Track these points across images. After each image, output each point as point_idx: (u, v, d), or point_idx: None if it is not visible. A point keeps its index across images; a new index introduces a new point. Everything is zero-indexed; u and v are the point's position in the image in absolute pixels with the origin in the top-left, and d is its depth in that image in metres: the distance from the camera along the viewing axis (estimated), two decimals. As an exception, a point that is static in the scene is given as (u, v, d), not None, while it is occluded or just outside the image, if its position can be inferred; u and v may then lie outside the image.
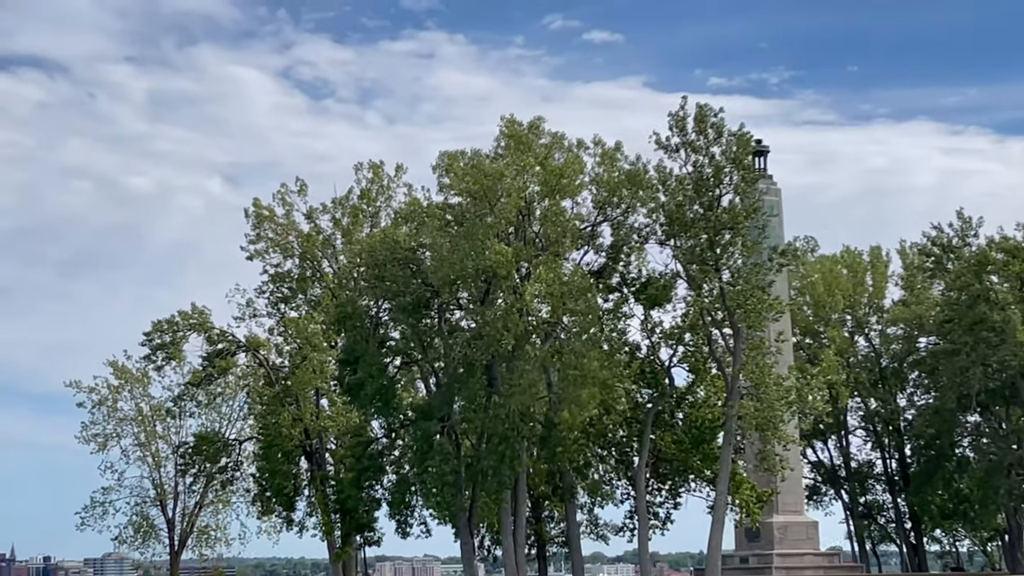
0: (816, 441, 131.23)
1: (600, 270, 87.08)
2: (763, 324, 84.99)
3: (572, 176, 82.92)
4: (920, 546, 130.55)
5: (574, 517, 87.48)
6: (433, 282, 79.98)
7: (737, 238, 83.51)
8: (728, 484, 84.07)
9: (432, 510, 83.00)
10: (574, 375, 77.70)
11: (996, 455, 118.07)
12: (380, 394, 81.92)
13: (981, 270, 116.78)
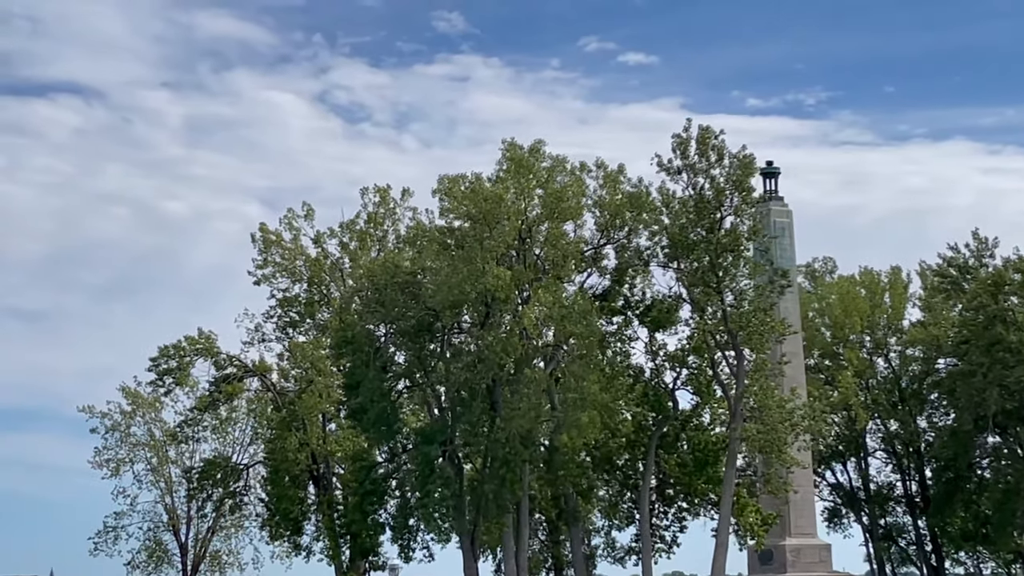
0: (835, 463, 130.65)
1: (604, 293, 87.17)
2: (766, 346, 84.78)
3: (573, 199, 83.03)
4: (940, 569, 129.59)
5: (578, 541, 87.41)
6: (433, 306, 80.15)
7: (739, 260, 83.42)
8: (731, 507, 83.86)
9: (433, 534, 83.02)
10: (573, 398, 77.73)
11: (1013, 477, 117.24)
12: (382, 418, 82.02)
13: (997, 291, 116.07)
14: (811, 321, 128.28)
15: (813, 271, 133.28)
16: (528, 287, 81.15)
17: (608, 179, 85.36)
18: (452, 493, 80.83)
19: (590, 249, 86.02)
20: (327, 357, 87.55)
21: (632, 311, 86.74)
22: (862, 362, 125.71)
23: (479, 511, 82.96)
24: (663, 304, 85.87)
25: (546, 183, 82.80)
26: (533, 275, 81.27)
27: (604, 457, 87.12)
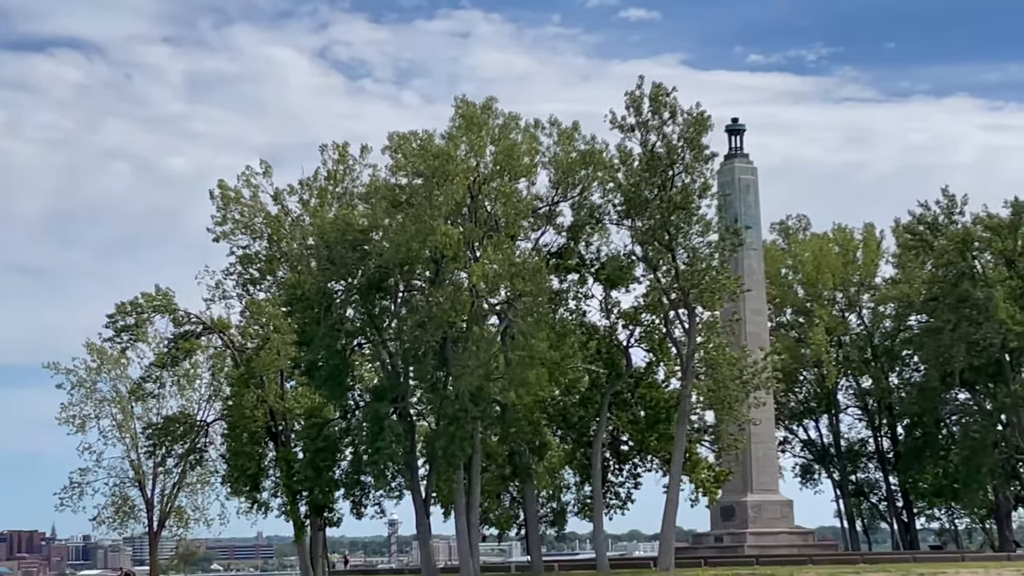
0: (807, 420, 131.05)
1: (560, 250, 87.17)
2: (719, 303, 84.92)
3: (525, 156, 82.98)
4: (912, 524, 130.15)
5: (532, 498, 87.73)
6: (382, 263, 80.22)
7: (691, 218, 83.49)
8: (682, 463, 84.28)
9: (382, 490, 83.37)
10: (522, 356, 77.81)
11: (979, 433, 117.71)
12: (334, 375, 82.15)
13: (965, 248, 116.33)
14: (783, 278, 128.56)
15: (787, 228, 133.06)
16: (480, 245, 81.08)
17: (563, 136, 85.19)
18: (403, 450, 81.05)
19: (544, 206, 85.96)
20: (284, 314, 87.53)
21: (587, 269, 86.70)
22: (834, 319, 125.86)
23: (431, 468, 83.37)
24: (617, 262, 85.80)
25: (499, 140, 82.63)
26: (484, 232, 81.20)
27: (558, 414, 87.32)
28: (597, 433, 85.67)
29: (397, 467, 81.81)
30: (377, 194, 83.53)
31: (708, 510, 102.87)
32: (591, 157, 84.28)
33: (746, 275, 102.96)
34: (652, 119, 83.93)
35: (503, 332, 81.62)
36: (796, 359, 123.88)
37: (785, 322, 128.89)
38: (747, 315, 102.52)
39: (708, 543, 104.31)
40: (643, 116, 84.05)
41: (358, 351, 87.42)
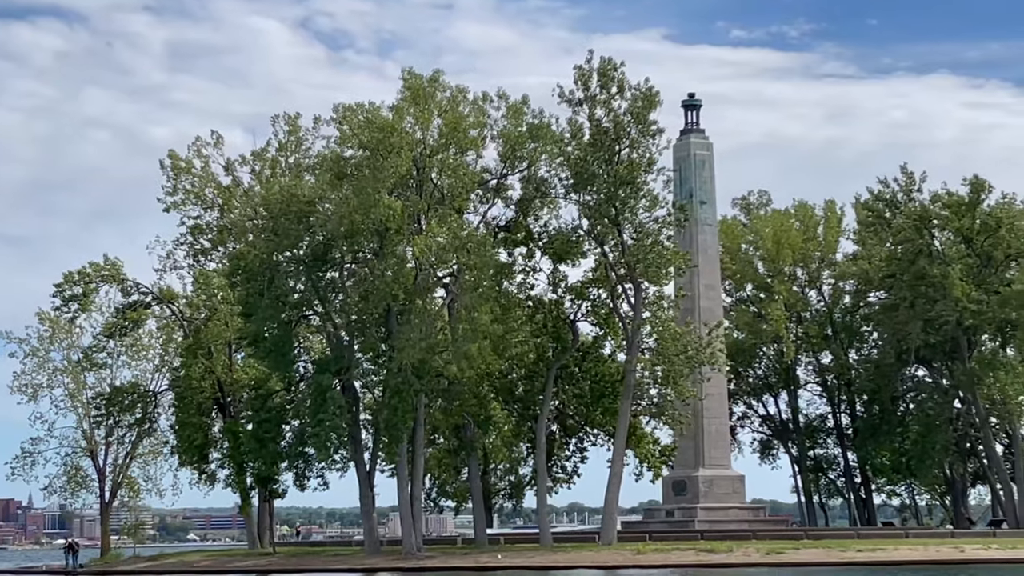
0: (767, 396, 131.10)
1: (508, 224, 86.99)
2: (664, 279, 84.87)
3: (473, 129, 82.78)
4: (869, 500, 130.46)
5: (476, 471, 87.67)
6: (324, 235, 79.96)
7: (637, 193, 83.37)
8: (626, 438, 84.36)
9: (324, 463, 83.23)
10: (464, 329, 77.72)
11: (934, 410, 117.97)
12: (278, 347, 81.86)
13: (923, 226, 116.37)
14: (744, 254, 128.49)
15: (748, 204, 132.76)
16: (425, 217, 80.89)
17: (511, 110, 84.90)
18: (346, 422, 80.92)
19: (493, 179, 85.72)
20: (228, 285, 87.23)
21: (535, 243, 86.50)
22: (794, 295, 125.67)
23: (375, 440, 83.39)
24: (565, 236, 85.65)
25: (446, 113, 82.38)
26: (429, 205, 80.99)
27: (504, 388, 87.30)
28: (542, 407, 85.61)
29: (340, 439, 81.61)
30: (323, 166, 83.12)
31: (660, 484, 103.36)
32: (539, 131, 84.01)
33: (700, 250, 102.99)
34: (600, 94, 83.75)
35: (449, 305, 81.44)
36: (755, 335, 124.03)
37: (745, 297, 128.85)
38: (701, 290, 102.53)
39: (660, 517, 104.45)
40: (591, 91, 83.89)
41: (304, 323, 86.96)
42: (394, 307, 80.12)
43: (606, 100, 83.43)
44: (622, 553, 78.11)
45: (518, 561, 77.00)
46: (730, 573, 70.67)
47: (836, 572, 69.67)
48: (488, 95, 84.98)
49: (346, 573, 76.90)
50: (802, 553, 76.53)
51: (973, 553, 76.55)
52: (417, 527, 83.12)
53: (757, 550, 77.20)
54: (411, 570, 76.27)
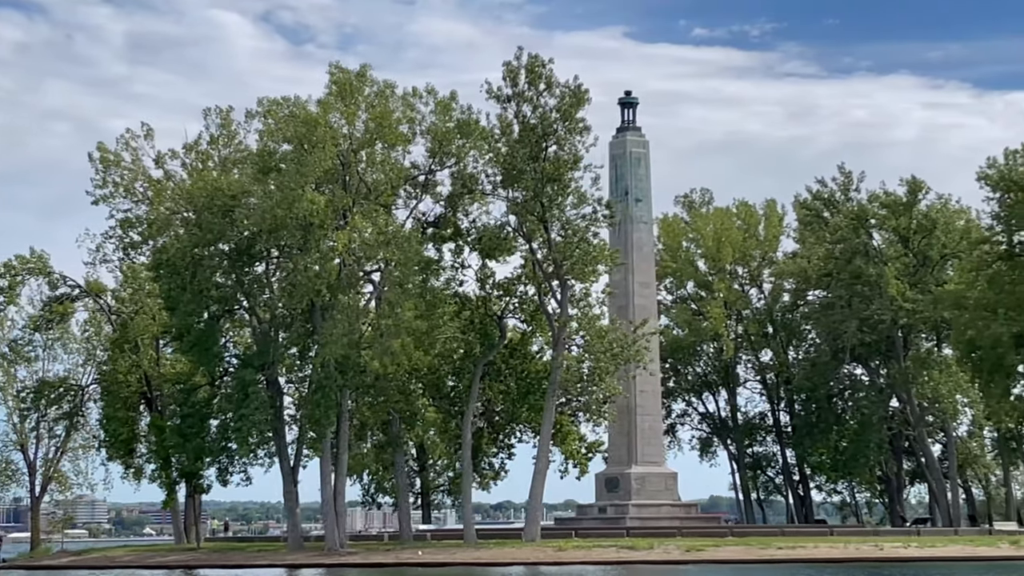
0: (707, 393, 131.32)
1: (437, 220, 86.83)
2: (591, 276, 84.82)
3: (400, 124, 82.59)
4: (807, 498, 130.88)
5: (402, 466, 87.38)
6: (246, 230, 79.62)
7: (564, 190, 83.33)
8: (551, 435, 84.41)
9: (245, 458, 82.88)
10: (387, 325, 77.56)
11: (868, 408, 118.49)
12: (201, 342, 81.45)
13: (859, 225, 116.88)
14: (685, 252, 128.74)
15: (691, 202, 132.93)
16: (351, 212, 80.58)
17: (440, 106, 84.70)
18: (268, 417, 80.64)
19: (421, 175, 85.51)
20: (151, 279, 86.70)
21: (463, 239, 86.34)
22: (734, 293, 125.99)
23: (300, 436, 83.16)
24: (494, 232, 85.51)
25: (373, 108, 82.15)
26: (355, 200, 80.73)
27: (432, 384, 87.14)
28: (468, 403, 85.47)
29: (263, 434, 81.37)
30: (249, 160, 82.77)
31: (593, 482, 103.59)
32: (468, 127, 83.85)
33: (635, 248, 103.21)
34: (528, 90, 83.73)
35: (377, 300, 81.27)
36: (695, 332, 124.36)
37: (686, 295, 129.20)
38: (635, 288, 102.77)
39: (592, 514, 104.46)
40: (519, 87, 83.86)
41: (229, 317, 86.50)
42: (318, 302, 79.81)
43: (533, 97, 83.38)
44: (544, 550, 78.07)
45: (439, 557, 76.85)
46: (643, 570, 70.57)
47: (748, 569, 69.73)
48: (417, 90, 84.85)
49: (259, 569, 76.48)
50: (722, 551, 76.71)
51: (892, 551, 76.82)
52: (341, 523, 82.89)
53: (678, 547, 77.36)
54: (328, 566, 76.01)
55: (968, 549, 78.05)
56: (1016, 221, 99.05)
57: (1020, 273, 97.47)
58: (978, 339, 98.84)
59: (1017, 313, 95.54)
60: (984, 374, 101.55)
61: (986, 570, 66.63)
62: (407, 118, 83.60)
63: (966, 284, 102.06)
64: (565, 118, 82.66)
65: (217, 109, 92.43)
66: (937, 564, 72.26)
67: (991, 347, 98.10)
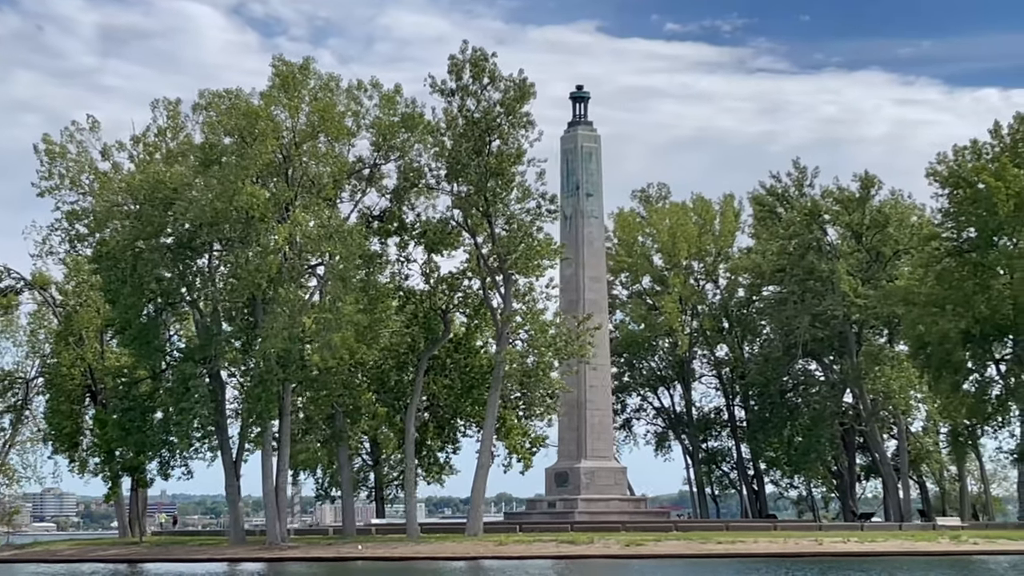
0: (661, 388, 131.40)
1: (383, 214, 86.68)
2: (535, 271, 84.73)
3: (344, 118, 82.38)
4: (761, 492, 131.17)
5: (346, 460, 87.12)
6: (186, 223, 79.26)
7: (508, 184, 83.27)
8: (494, 429, 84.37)
9: (185, 452, 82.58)
10: (327, 319, 77.37)
11: (820, 404, 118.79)
12: (142, 335, 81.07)
13: (812, 220, 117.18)
14: (641, 246, 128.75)
15: (647, 196, 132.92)
16: (293, 206, 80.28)
17: (385, 99, 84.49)
18: (209, 411, 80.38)
19: (366, 168, 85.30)
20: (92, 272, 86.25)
21: (408, 233, 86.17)
22: (689, 288, 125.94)
23: (243, 430, 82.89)
24: (439, 226, 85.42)
25: (316, 101, 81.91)
26: (297, 193, 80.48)
27: (376, 378, 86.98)
28: (412, 398, 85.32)
29: (204, 428, 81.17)
30: (191, 152, 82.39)
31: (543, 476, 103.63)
32: (413, 120, 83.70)
33: (585, 242, 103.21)
34: (472, 84, 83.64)
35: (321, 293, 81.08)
36: (651, 327, 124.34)
37: (641, 290, 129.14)
38: (586, 282, 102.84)
39: (542, 508, 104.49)
40: (463, 81, 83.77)
41: (171, 311, 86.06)
42: (259, 296, 79.59)
43: (477, 91, 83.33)
44: (484, 544, 78.07)
45: (379, 552, 76.81)
46: (577, 565, 70.49)
47: (678, 564, 69.76)
48: (362, 83, 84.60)
49: (197, 563, 76.19)
50: (662, 545, 76.64)
51: (831, 546, 76.88)
52: (281, 517, 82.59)
53: (619, 542, 77.31)
54: (267, 560, 75.85)
55: (907, 544, 78.17)
56: (964, 217, 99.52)
57: (969, 269, 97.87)
58: (926, 335, 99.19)
59: (965, 309, 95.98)
60: (933, 370, 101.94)
61: (912, 565, 66.69)
62: (351, 111, 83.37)
63: (916, 280, 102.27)
64: (509, 112, 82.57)
65: (165, 101, 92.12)
66: (869, 559, 72.36)
67: (939, 343, 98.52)
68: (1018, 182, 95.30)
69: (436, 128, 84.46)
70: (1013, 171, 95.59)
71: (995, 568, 64.83)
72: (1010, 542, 79.62)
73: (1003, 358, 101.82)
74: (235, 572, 69.16)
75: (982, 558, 72.88)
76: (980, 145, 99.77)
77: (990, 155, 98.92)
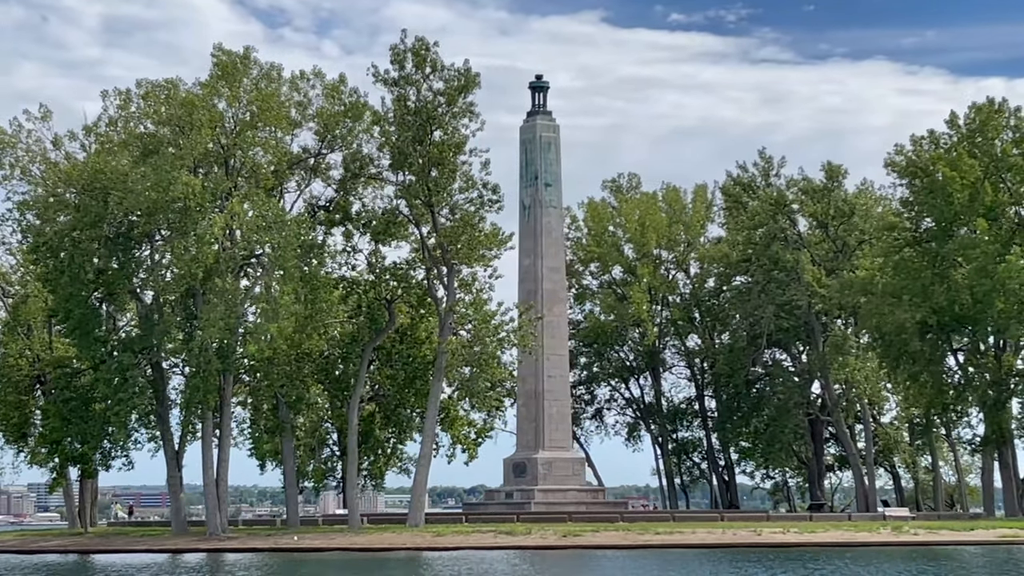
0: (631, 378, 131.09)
1: (328, 204, 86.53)
2: (479, 261, 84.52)
3: (286, 107, 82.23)
4: (732, 483, 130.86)
5: (290, 450, 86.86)
6: (122, 213, 79.03)
7: (452, 174, 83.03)
8: (436, 420, 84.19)
9: (121, 443, 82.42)
10: (265, 309, 77.24)
11: (784, 394, 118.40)
12: (82, 325, 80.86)
13: (777, 211, 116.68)
14: (611, 236, 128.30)
15: (619, 186, 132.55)
16: (231, 196, 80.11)
17: (331, 89, 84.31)
18: (148, 402, 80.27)
19: (310, 157, 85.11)
20: (31, 261, 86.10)
21: (353, 223, 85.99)
22: (659, 278, 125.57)
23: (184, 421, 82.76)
24: (384, 216, 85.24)
25: (256, 91, 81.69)
26: (236, 184, 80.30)
27: (321, 368, 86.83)
28: (355, 388, 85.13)
29: (146, 418, 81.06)
30: (130, 142, 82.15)
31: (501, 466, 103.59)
32: (357, 110, 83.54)
33: (544, 232, 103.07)
34: (415, 74, 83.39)
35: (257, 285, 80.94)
36: (620, 318, 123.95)
37: (611, 280, 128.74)
38: (544, 272, 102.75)
39: (500, 499, 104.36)
40: (406, 71, 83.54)
41: (112, 301, 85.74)
42: (195, 286, 79.43)
43: (419, 80, 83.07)
44: (423, 536, 77.88)
45: (316, 543, 76.59)
46: (500, 555, 70.02)
47: (602, 555, 69.44)
48: (305, 73, 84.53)
49: (135, 554, 76.04)
50: (598, 536, 76.36)
51: (768, 537, 76.56)
52: (222, 508, 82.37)
53: (557, 533, 77.01)
54: (204, 550, 75.75)
55: (846, 535, 77.73)
56: (920, 208, 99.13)
57: (927, 259, 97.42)
58: (883, 325, 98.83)
59: (922, 300, 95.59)
60: (890, 360, 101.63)
61: (834, 555, 66.17)
62: (295, 101, 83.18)
63: (875, 270, 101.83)
64: (449, 102, 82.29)
65: (116, 90, 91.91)
66: (798, 549, 71.84)
67: (896, 334, 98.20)
68: (973, 172, 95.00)
69: (384, 118, 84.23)
70: (968, 161, 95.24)
71: (915, 557, 64.45)
72: (951, 532, 79.26)
73: (961, 348, 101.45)
74: (153, 562, 68.73)
75: (914, 548, 72.36)
76: (937, 135, 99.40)
77: (948, 145, 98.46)
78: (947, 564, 60.77)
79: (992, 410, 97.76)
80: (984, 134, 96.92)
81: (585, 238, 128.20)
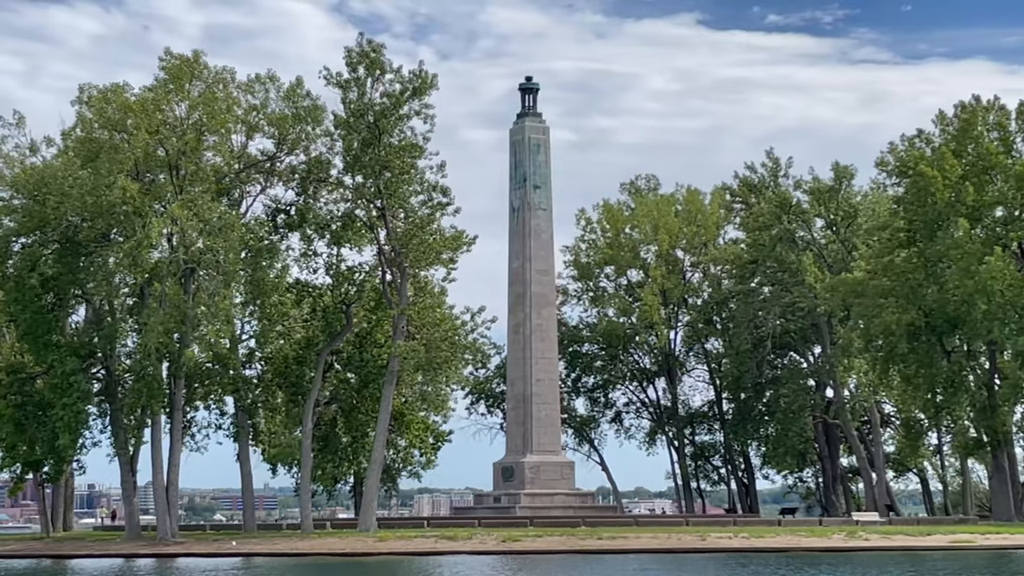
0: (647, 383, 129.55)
1: (287, 208, 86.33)
2: (433, 264, 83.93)
3: (230, 111, 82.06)
4: (752, 486, 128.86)
5: (246, 453, 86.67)
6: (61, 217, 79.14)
7: (405, 177, 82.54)
8: (387, 424, 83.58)
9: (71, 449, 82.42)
10: (204, 313, 77.14)
11: (789, 397, 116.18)
12: (32, 330, 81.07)
13: (782, 212, 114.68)
14: (628, 238, 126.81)
15: (637, 188, 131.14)
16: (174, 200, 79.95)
17: (287, 92, 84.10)
18: (93, 407, 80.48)
19: (265, 161, 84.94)
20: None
21: (309, 226, 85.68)
22: (673, 280, 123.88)
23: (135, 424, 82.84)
24: (341, 220, 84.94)
25: (205, 94, 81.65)
26: (182, 188, 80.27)
27: (279, 372, 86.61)
28: (310, 392, 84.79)
29: (86, 424, 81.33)
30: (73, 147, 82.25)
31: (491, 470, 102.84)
32: (313, 114, 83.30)
33: (533, 235, 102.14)
34: (367, 77, 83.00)
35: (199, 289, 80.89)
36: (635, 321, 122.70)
37: (626, 283, 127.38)
38: (533, 275, 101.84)
39: (488, 503, 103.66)
40: (359, 74, 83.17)
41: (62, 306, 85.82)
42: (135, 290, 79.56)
43: (370, 84, 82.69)
44: (364, 540, 77.18)
45: (257, 548, 76.42)
46: (428, 561, 69.46)
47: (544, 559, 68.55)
48: (260, 76, 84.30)
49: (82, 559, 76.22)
50: (538, 541, 75.02)
51: (713, 542, 75.00)
52: (172, 513, 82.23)
53: (496, 538, 75.96)
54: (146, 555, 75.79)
55: (792, 540, 75.95)
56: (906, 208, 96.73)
57: (918, 260, 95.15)
58: (871, 327, 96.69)
59: (911, 301, 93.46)
60: (880, 362, 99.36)
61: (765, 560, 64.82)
62: (246, 105, 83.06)
63: (869, 271, 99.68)
64: (395, 104, 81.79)
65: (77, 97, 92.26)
66: (735, 555, 70.40)
67: (885, 335, 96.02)
68: (955, 172, 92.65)
69: (345, 122, 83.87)
70: (952, 161, 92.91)
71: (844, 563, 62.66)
72: (907, 538, 77.37)
73: (953, 350, 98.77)
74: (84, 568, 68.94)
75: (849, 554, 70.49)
76: (927, 134, 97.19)
77: (936, 145, 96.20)
78: (845, 568, 59.05)
79: (983, 413, 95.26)
80: (969, 133, 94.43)
81: (601, 240, 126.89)
